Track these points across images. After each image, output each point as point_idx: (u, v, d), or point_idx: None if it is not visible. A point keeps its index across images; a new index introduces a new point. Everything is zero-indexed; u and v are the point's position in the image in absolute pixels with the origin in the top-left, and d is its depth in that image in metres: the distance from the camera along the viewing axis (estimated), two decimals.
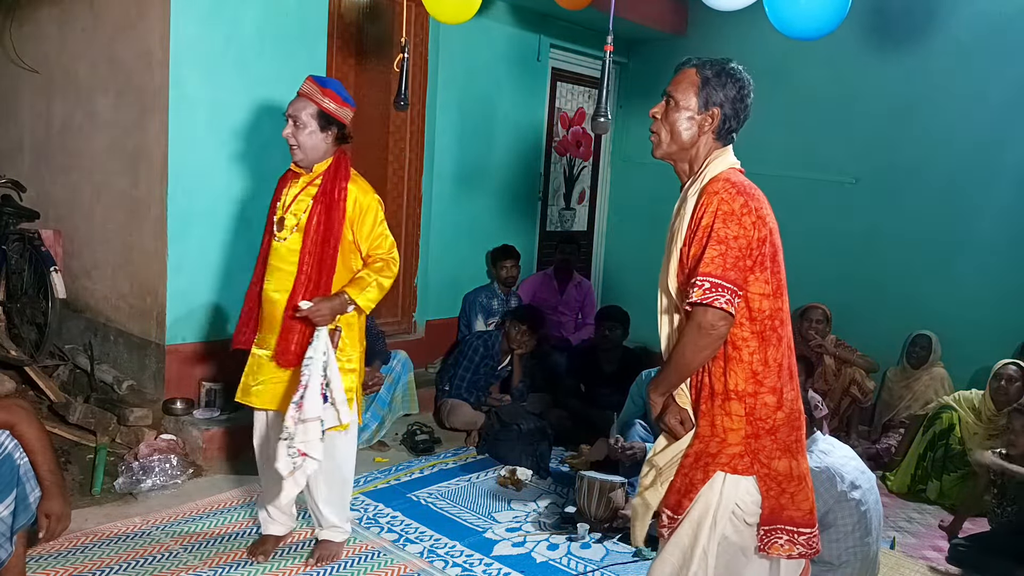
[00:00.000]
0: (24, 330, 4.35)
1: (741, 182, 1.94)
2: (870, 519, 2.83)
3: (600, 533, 3.46)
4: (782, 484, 1.95)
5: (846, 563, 2.81)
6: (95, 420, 3.74)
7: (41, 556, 2.90)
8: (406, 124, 5.07)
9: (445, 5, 3.48)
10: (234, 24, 3.97)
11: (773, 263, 1.94)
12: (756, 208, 1.90)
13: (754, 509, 1.95)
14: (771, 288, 1.93)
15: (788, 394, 1.96)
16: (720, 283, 1.83)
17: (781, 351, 1.96)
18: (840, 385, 4.98)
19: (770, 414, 1.94)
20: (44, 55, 4.69)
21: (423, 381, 4.92)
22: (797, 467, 1.97)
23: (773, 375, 1.94)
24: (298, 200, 2.86)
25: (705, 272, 1.84)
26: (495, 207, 5.74)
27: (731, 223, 1.86)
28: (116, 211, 4.24)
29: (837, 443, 2.98)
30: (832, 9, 2.98)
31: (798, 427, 1.99)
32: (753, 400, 1.93)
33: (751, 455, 1.94)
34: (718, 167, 1.99)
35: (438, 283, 5.39)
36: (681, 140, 2.03)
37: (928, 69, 5.07)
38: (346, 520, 3.14)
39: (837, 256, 5.39)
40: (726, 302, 1.83)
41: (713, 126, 2.02)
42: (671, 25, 6.15)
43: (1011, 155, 4.83)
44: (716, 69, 2.02)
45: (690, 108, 2.02)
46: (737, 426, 1.93)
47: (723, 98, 2.00)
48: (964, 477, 4.19)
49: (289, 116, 2.83)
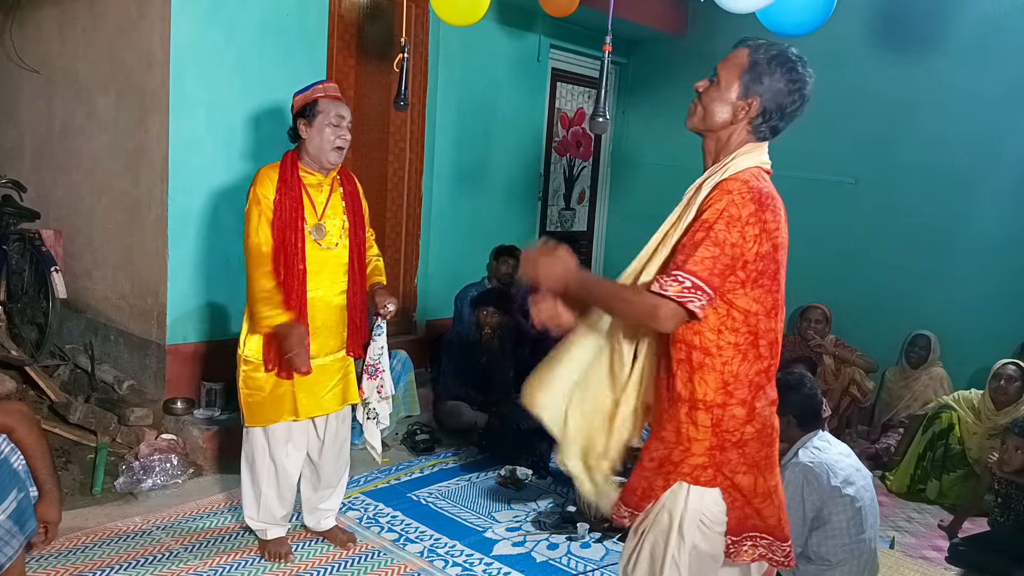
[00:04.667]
0: (25, 330, 4.36)
1: (759, 188, 1.75)
2: (865, 516, 2.83)
3: (600, 533, 3.47)
4: (747, 497, 1.84)
5: (843, 561, 2.81)
6: (96, 420, 3.74)
7: (41, 556, 2.90)
8: (406, 124, 5.07)
9: (454, 7, 3.48)
10: (234, 24, 3.97)
11: (772, 282, 1.78)
12: (766, 221, 1.73)
13: (722, 518, 1.85)
14: (764, 308, 1.78)
15: (762, 408, 1.83)
16: (702, 286, 1.69)
17: (757, 370, 1.81)
18: (839, 385, 4.98)
19: (738, 427, 1.80)
20: (44, 55, 4.70)
21: (423, 381, 4.92)
22: (763, 483, 1.85)
23: (744, 388, 1.80)
24: (331, 204, 2.91)
25: (692, 271, 1.69)
26: (495, 207, 5.75)
27: (733, 229, 1.71)
28: (116, 211, 4.24)
29: (834, 440, 2.98)
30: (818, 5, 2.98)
31: (770, 443, 1.86)
32: (721, 411, 1.80)
33: (715, 467, 1.82)
34: (743, 163, 1.81)
35: (438, 283, 5.39)
36: (713, 121, 1.85)
37: (928, 69, 5.07)
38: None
39: (837, 256, 5.39)
40: (699, 307, 1.69)
41: (749, 115, 1.82)
42: (671, 25, 6.15)
43: (1011, 155, 4.82)
44: (770, 54, 1.81)
45: (731, 90, 1.83)
46: (702, 436, 1.81)
47: (767, 88, 1.80)
48: (964, 477, 4.20)
49: (342, 117, 2.86)
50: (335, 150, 2.86)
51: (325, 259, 2.90)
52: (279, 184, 2.83)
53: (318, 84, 2.93)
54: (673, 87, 6.37)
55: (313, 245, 2.86)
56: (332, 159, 2.88)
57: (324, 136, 2.83)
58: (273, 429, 2.96)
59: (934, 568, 3.54)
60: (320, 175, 2.90)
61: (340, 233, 2.93)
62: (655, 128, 6.47)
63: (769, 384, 1.86)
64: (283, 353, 2.77)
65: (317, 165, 2.88)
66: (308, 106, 2.85)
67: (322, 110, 2.84)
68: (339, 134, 2.85)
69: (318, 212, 2.88)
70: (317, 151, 2.85)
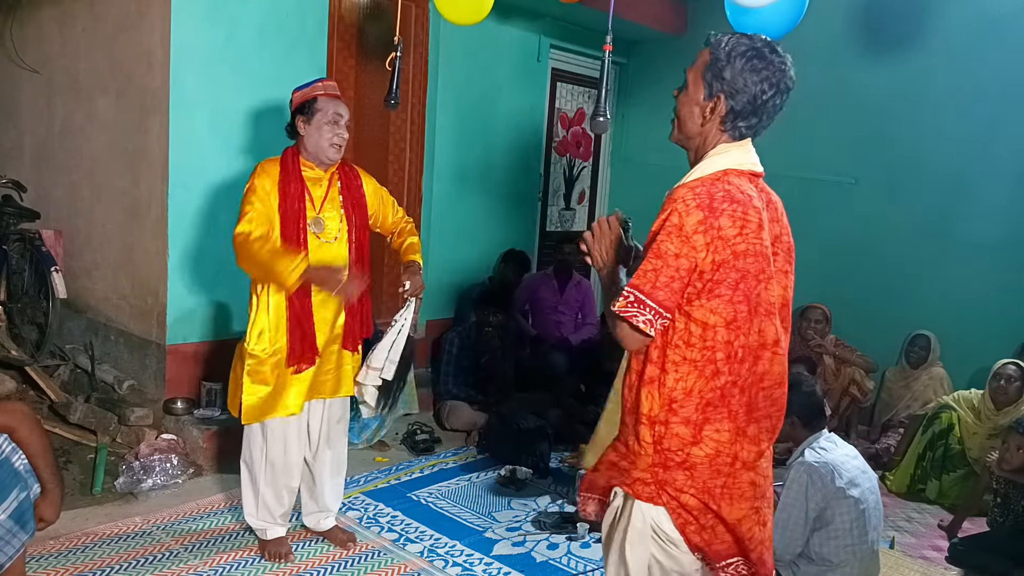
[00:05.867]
0: (25, 330, 4.36)
1: (711, 194, 1.64)
2: (868, 518, 2.84)
3: (600, 533, 3.46)
4: (698, 520, 1.71)
5: (845, 562, 2.81)
6: (96, 420, 3.74)
7: (41, 556, 2.90)
8: (406, 124, 5.07)
9: (457, 5, 3.49)
10: (234, 24, 3.97)
11: (733, 291, 1.64)
12: (720, 228, 1.61)
13: (676, 536, 1.72)
14: (724, 319, 1.64)
15: (716, 434, 1.68)
16: (644, 300, 1.62)
17: (712, 386, 1.67)
18: (839, 385, 4.98)
19: (682, 447, 1.68)
20: (44, 55, 4.70)
21: (423, 381, 4.92)
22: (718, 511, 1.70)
23: (691, 407, 1.67)
24: (329, 199, 2.93)
25: (634, 284, 1.64)
26: (495, 207, 5.75)
27: (675, 239, 1.62)
28: (117, 211, 4.24)
29: (840, 441, 2.98)
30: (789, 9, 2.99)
31: (729, 473, 1.70)
32: (663, 428, 1.69)
33: (656, 484, 1.71)
34: (712, 166, 1.72)
35: (438, 283, 5.39)
36: (686, 128, 1.79)
37: (927, 69, 5.07)
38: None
39: (837, 256, 5.39)
40: (645, 322, 1.62)
41: (718, 114, 1.73)
42: (671, 25, 6.15)
43: (1011, 154, 4.83)
44: (729, 46, 1.70)
45: (698, 93, 1.75)
46: (645, 452, 1.72)
47: (730, 82, 1.69)
48: (964, 477, 4.20)
49: (340, 116, 2.88)
50: (332, 147, 2.89)
51: (325, 252, 2.91)
52: (280, 176, 2.86)
53: (318, 82, 2.95)
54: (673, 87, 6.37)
55: (312, 238, 2.88)
56: (330, 156, 2.90)
57: (322, 134, 2.86)
58: (271, 427, 2.96)
59: (934, 568, 3.54)
60: (319, 170, 2.93)
61: (339, 227, 2.95)
62: (655, 128, 6.45)
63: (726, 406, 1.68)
64: (330, 291, 2.82)
65: (316, 161, 2.91)
66: (307, 103, 2.88)
67: (321, 108, 2.86)
68: (336, 132, 2.87)
69: (316, 206, 2.91)
70: (315, 148, 2.88)
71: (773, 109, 1.74)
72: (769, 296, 1.71)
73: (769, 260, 1.70)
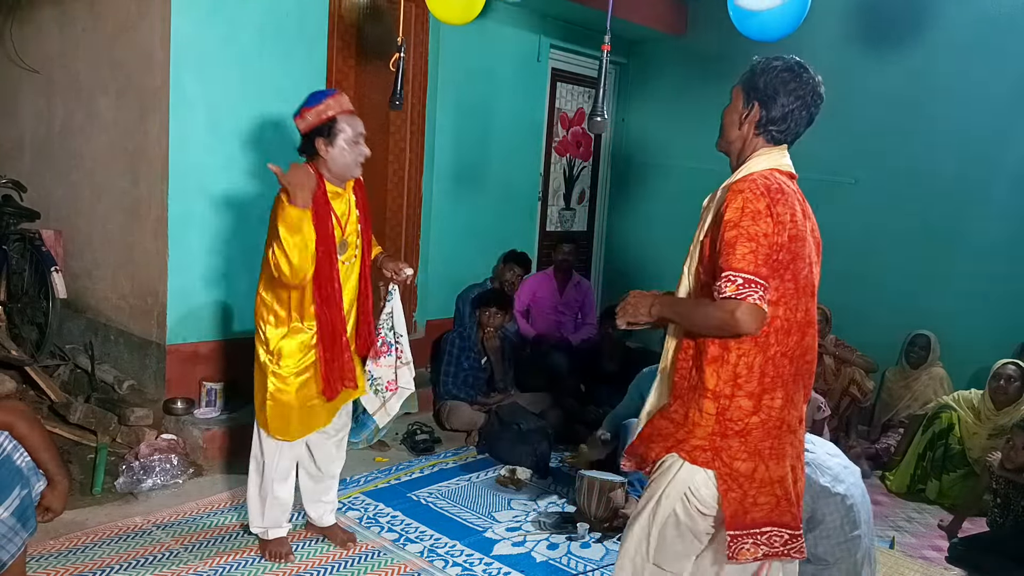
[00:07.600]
0: (25, 330, 4.36)
1: (770, 185, 1.87)
2: (857, 513, 2.83)
3: (600, 533, 3.47)
4: (743, 486, 1.91)
5: (840, 560, 2.81)
6: (96, 420, 3.74)
7: (41, 556, 2.91)
8: (406, 124, 5.07)
9: (448, 6, 3.49)
10: (234, 24, 3.97)
11: (786, 270, 1.88)
12: (778, 214, 1.84)
13: (711, 503, 1.94)
14: (778, 295, 1.87)
15: (771, 401, 1.91)
16: (753, 279, 1.79)
17: (771, 358, 1.90)
18: (839, 385, 4.98)
19: (743, 417, 1.90)
20: (44, 55, 4.70)
21: (423, 381, 4.92)
22: (765, 472, 1.92)
23: (755, 381, 1.90)
24: (349, 220, 2.91)
25: (738, 268, 1.79)
26: (495, 207, 5.75)
27: (762, 221, 1.82)
28: (116, 211, 4.24)
29: (819, 440, 3.00)
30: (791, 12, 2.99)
31: (776, 435, 1.93)
32: (728, 402, 1.90)
33: (713, 451, 1.92)
34: (756, 165, 1.95)
35: (438, 283, 5.39)
36: (727, 134, 2.05)
37: (928, 69, 5.07)
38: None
39: (837, 256, 5.33)
40: (759, 298, 1.78)
41: (753, 120, 1.98)
42: (670, 25, 6.15)
43: (1011, 155, 4.83)
44: (765, 63, 1.98)
45: (738, 103, 2.02)
46: (706, 423, 1.92)
47: (762, 91, 1.96)
48: (964, 477, 4.20)
49: (362, 134, 2.83)
50: (358, 166, 2.86)
51: (347, 275, 2.92)
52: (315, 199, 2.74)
53: (328, 99, 2.79)
54: (673, 87, 6.39)
55: (339, 265, 2.87)
56: (355, 174, 2.89)
57: (347, 155, 2.80)
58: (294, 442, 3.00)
59: (934, 568, 3.54)
60: (340, 188, 2.88)
61: (355, 243, 2.95)
62: (655, 128, 6.46)
63: (780, 376, 1.91)
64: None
65: (339, 180, 2.85)
66: (326, 125, 2.76)
67: (342, 129, 2.77)
68: (361, 151, 2.84)
69: (342, 225, 2.87)
70: (342, 169, 2.82)
71: (801, 119, 1.98)
72: (812, 279, 1.96)
73: (811, 247, 1.96)
